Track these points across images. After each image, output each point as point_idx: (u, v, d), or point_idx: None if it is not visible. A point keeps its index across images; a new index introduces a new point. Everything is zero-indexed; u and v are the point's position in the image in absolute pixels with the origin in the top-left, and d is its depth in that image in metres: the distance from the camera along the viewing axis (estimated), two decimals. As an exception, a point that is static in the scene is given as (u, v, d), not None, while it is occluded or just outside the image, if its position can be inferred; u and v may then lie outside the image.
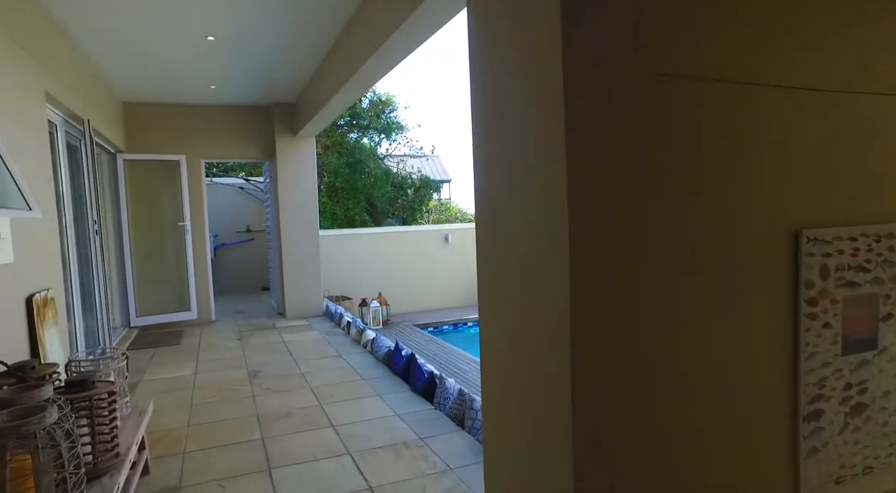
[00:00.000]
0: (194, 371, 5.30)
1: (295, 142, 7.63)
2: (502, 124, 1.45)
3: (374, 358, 5.57)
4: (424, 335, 8.81)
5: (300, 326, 7.22)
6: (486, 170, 1.57)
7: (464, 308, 10.64)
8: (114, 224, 6.90)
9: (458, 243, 10.81)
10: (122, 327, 6.95)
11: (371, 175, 12.48)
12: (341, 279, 9.53)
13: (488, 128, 1.52)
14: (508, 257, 1.44)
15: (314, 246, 7.81)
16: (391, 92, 13.71)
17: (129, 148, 7.07)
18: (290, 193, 7.64)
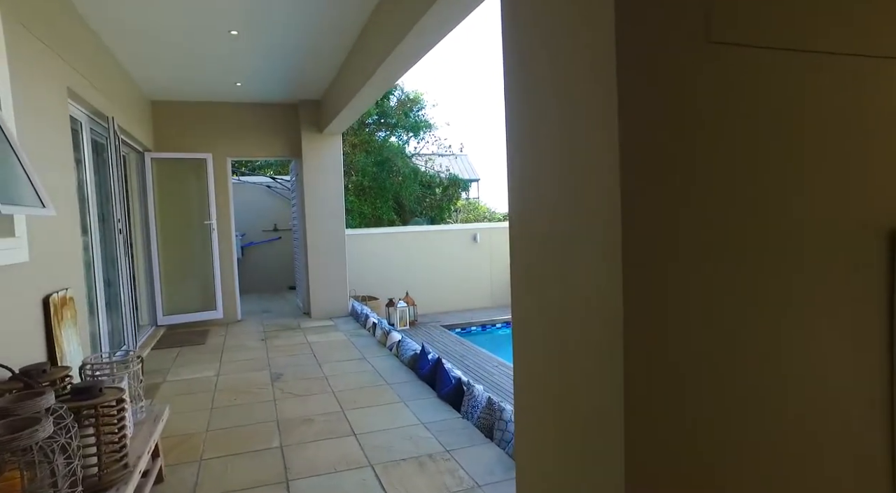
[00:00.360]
0: (217, 372, 5.19)
1: (321, 139, 7.51)
2: (540, 107, 1.24)
3: (399, 361, 5.38)
4: (452, 337, 8.61)
5: (325, 326, 7.09)
6: (521, 162, 1.38)
7: (492, 309, 10.41)
8: (141, 223, 6.87)
9: (486, 243, 10.58)
10: (149, 325, 6.92)
11: (399, 174, 12.34)
12: (368, 279, 9.40)
13: (525, 112, 1.32)
14: (546, 259, 1.24)
15: (340, 245, 7.68)
16: (419, 90, 13.56)
17: (156, 147, 7.04)
18: (317, 192, 7.52)
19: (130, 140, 6.30)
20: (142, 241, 6.88)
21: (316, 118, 7.45)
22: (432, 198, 13.92)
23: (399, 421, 3.85)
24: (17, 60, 3.14)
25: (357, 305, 7.72)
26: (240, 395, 4.54)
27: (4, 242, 2.88)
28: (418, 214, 13.15)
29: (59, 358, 3.37)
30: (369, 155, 12.26)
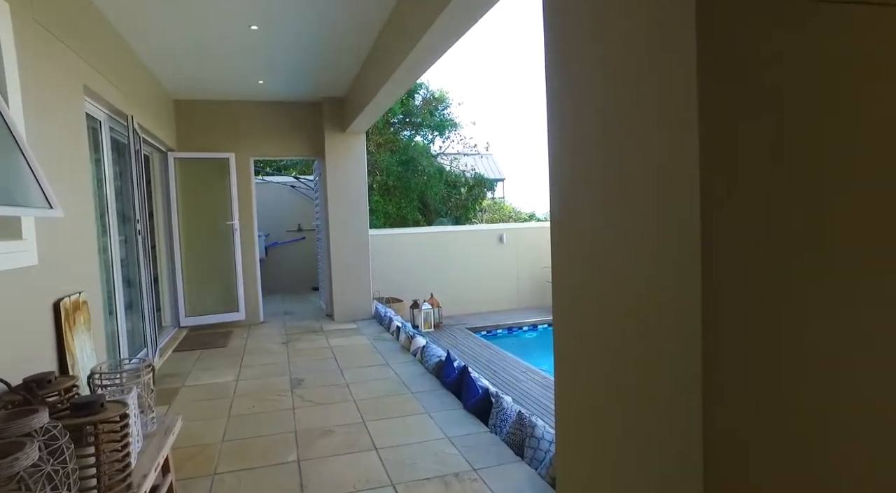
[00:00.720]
0: (236, 377, 5.04)
1: (344, 138, 7.33)
2: (590, 90, 1.02)
3: (423, 368, 5.17)
4: (477, 340, 8.36)
5: (348, 330, 6.92)
6: (565, 156, 1.17)
7: (518, 311, 10.13)
8: (164, 223, 6.79)
9: (512, 244, 10.31)
10: (171, 326, 6.84)
11: (424, 173, 12.14)
12: (392, 280, 9.20)
13: (571, 96, 1.10)
14: (597, 263, 1.05)
15: (364, 246, 7.50)
16: (444, 88, 13.35)
17: (180, 146, 6.95)
18: (340, 191, 7.35)
19: (153, 140, 6.21)
20: (165, 242, 6.79)
21: (339, 117, 7.29)
22: (457, 197, 13.70)
23: (423, 435, 3.62)
24: (29, 57, 3.00)
25: (381, 307, 7.54)
26: (258, 402, 4.37)
27: (10, 244, 2.73)
28: (443, 214, 12.94)
29: (70, 365, 3.23)
30: (394, 154, 12.09)
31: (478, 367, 6.94)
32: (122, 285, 4.83)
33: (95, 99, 4.24)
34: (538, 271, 10.28)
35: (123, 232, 5.24)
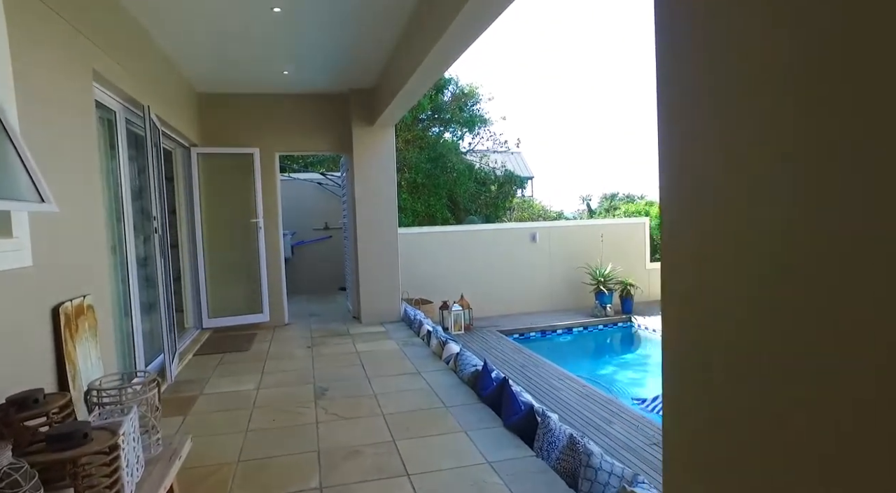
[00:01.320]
0: (257, 385, 4.69)
1: (372, 132, 6.95)
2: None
3: (457, 378, 4.74)
4: (510, 343, 7.90)
5: (376, 333, 6.53)
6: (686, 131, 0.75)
7: (551, 313, 9.63)
8: (187, 221, 6.49)
9: (545, 243, 9.82)
10: (194, 328, 6.54)
11: (453, 170, 11.71)
12: (420, 280, 8.79)
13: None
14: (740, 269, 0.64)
15: (392, 246, 7.11)
16: (474, 83, 12.89)
17: (203, 141, 6.65)
18: (367, 188, 6.97)
19: (175, 134, 5.91)
20: (187, 240, 6.50)
21: (367, 109, 6.90)
22: (486, 195, 13.24)
23: (461, 458, 3.19)
24: (24, 34, 2.65)
25: (410, 309, 7.14)
26: (280, 414, 4.00)
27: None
28: (472, 212, 12.49)
29: (70, 377, 2.89)
30: (423, 151, 11.69)
31: (511, 372, 6.50)
32: (138, 285, 4.51)
33: (107, 86, 3.91)
34: (573, 271, 9.78)
35: (142, 230, 4.93)
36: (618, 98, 75.41)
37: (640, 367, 8.05)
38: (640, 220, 10.54)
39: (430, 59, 4.21)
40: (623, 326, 9.35)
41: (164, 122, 5.30)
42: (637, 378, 7.51)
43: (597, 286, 9.44)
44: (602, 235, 9.86)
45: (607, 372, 7.88)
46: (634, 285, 9.44)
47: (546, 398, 5.56)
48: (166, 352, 4.54)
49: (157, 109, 4.95)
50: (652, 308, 9.60)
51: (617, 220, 11.64)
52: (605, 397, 5.65)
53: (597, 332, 9.28)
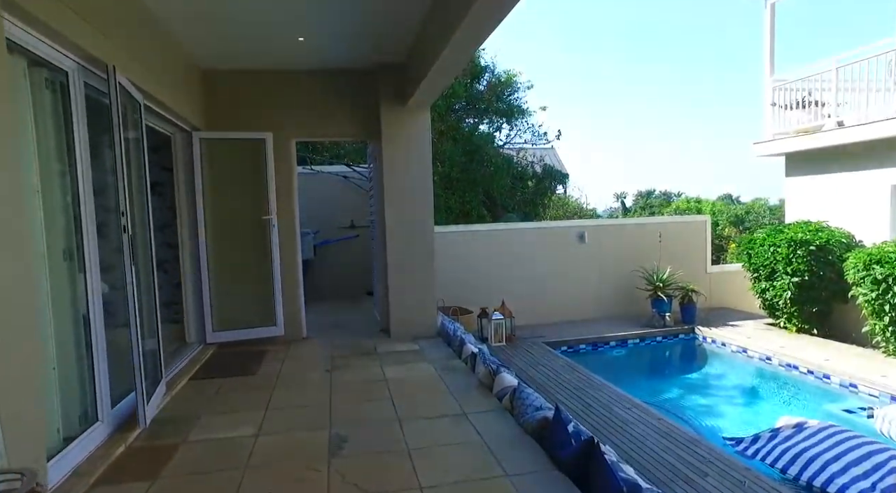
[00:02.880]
0: (258, 428, 3.50)
1: (405, 114, 5.71)
2: None
3: (516, 425, 3.48)
4: (560, 359, 6.59)
5: (407, 353, 5.29)
6: None
7: (599, 322, 8.28)
8: (188, 218, 5.36)
9: (595, 243, 8.48)
10: (197, 343, 5.41)
11: (491, 164, 10.43)
12: (454, 285, 7.53)
13: None
14: None
15: (427, 248, 5.87)
16: (512, 69, 11.58)
17: (207, 125, 5.50)
18: (399, 180, 5.74)
19: (171, 115, 4.78)
20: (188, 240, 5.37)
21: (398, 87, 5.67)
22: (524, 192, 11.92)
23: None
24: None
25: (447, 322, 5.89)
26: (280, 480, 2.80)
27: None
28: (510, 209, 11.19)
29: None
30: (457, 143, 10.43)
31: (566, 396, 5.22)
32: (100, 304, 3.35)
33: (47, 33, 2.75)
34: (626, 274, 8.42)
35: (102, 223, 3.79)
36: (653, 93, 72.71)
37: (711, 390, 6.66)
38: (701, 218, 9.10)
39: (470, 19, 3.01)
40: (685, 338, 7.95)
41: (151, 96, 4.16)
42: (710, 405, 6.13)
43: (653, 292, 8.07)
44: (660, 235, 8.47)
45: (672, 395, 6.52)
46: (697, 291, 8.05)
47: (615, 435, 4.28)
48: (138, 390, 3.37)
49: (139, 78, 3.80)
50: (716, 317, 8.19)
51: (674, 218, 10.21)
52: (689, 436, 4.33)
53: (655, 345, 7.90)
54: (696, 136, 68.39)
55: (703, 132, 67.96)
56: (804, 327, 7.10)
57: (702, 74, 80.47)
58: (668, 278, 8.13)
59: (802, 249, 6.86)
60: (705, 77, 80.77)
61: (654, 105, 70.37)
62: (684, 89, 73.69)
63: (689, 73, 76.92)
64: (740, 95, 72.48)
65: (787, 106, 7.83)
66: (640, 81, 79.25)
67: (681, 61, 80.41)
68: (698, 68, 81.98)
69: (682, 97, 72.92)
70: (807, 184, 8.14)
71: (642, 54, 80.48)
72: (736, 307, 8.73)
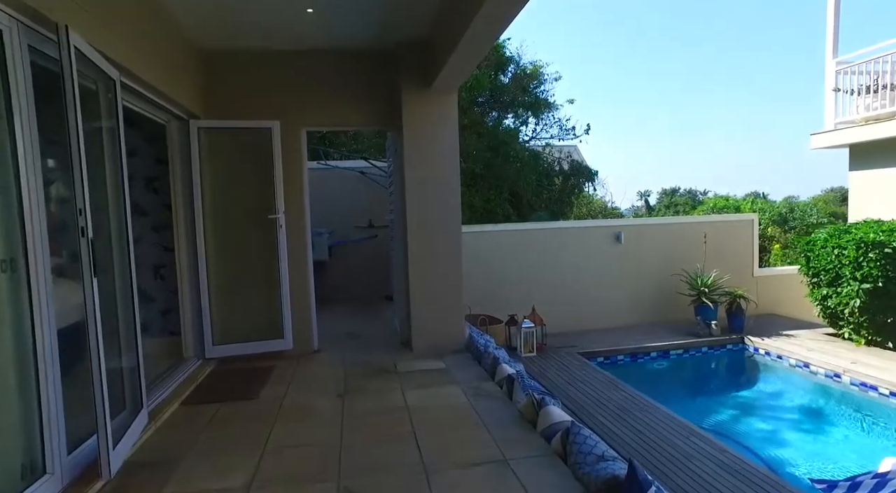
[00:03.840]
0: (250, 478, 2.75)
1: (429, 99, 4.93)
2: None
3: (573, 478, 2.67)
4: (598, 373, 5.76)
5: (431, 372, 4.50)
6: None
7: (637, 329, 7.42)
8: (185, 217, 4.65)
9: (632, 244, 7.62)
10: (194, 358, 4.69)
11: (517, 159, 9.60)
12: (479, 289, 6.72)
13: None
14: None
15: (454, 250, 5.09)
16: (539, 60, 10.72)
17: (207, 113, 4.78)
18: (422, 173, 4.97)
19: (163, 99, 4.07)
20: (186, 242, 4.66)
21: (421, 68, 4.88)
22: (551, 189, 11.06)
23: None
24: None
25: (477, 335, 5.10)
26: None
27: None
28: (537, 207, 10.34)
29: None
30: (481, 138, 9.61)
31: (610, 419, 4.41)
32: (49, 322, 2.61)
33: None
34: (666, 278, 7.55)
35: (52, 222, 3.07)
36: (675, 88, 70.54)
37: (769, 412, 5.76)
38: (747, 216, 8.18)
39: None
40: (733, 348, 7.05)
41: (136, 76, 3.44)
42: (772, 431, 5.24)
43: (697, 298, 7.19)
44: (705, 235, 7.58)
45: (724, 417, 5.65)
46: (746, 297, 7.15)
47: (676, 473, 3.48)
48: (101, 432, 2.62)
49: (117, 52, 3.08)
50: (765, 325, 7.28)
51: (720, 216, 9.27)
52: (765, 476, 3.50)
53: (700, 356, 7.02)
54: (722, 131, 66.01)
55: (729, 128, 65.54)
56: (875, 339, 6.16)
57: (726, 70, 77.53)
58: (713, 283, 7.25)
59: (875, 251, 5.92)
60: (731, 73, 77.86)
61: (670, 101, 68.14)
62: (707, 84, 70.97)
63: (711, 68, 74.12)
64: (771, 90, 69.74)
65: (852, 91, 6.87)
66: (660, 75, 76.60)
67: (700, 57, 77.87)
68: (723, 63, 78.99)
69: (712, 91, 70.15)
70: (876, 178, 7.15)
71: (659, 46, 77.91)
72: (786, 314, 7.80)
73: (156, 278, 4.86)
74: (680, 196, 22.43)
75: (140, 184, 4.83)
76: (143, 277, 4.84)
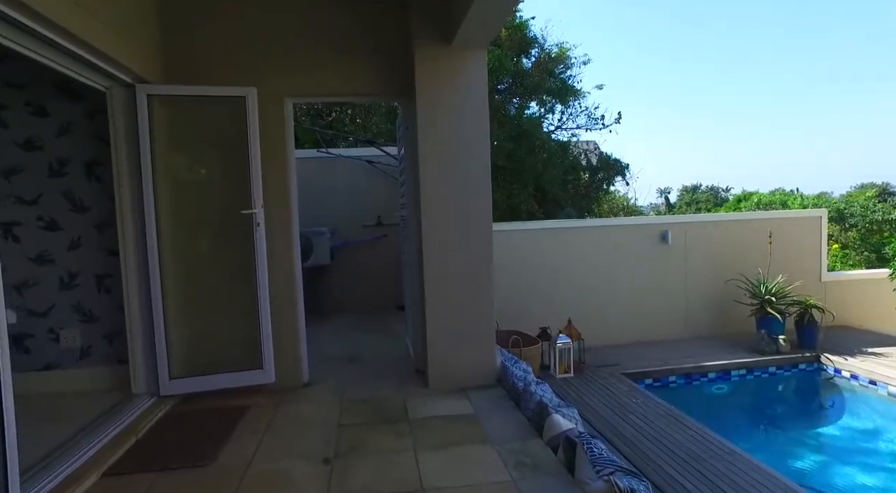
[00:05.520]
0: None
1: (450, 58, 3.66)
2: None
3: None
4: (651, 400, 4.44)
5: (455, 421, 3.22)
6: None
7: (688, 345, 6.09)
8: (133, 213, 3.42)
9: (680, 245, 6.30)
10: (146, 395, 3.47)
11: (544, 150, 8.30)
12: (500, 298, 5.45)
13: None
14: None
15: (482, 253, 3.81)
16: (566, 41, 9.40)
17: (165, 76, 3.56)
18: (442, 155, 3.70)
19: (101, 60, 2.86)
20: (134, 246, 3.43)
21: (439, 17, 3.61)
22: (576, 184, 9.74)
23: None
24: None
25: (510, 364, 3.82)
26: None
27: None
28: (565, 204, 9.03)
29: None
30: (502, 127, 8.32)
31: (676, 468, 3.13)
32: None
33: None
34: (720, 285, 6.22)
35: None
36: (693, 82, 67.74)
37: (871, 458, 4.38)
38: (815, 212, 6.79)
39: None
40: (807, 369, 5.68)
41: (40, 15, 2.23)
42: (884, 490, 3.88)
43: (760, 307, 5.85)
44: (770, 234, 6.24)
45: (807, 464, 4.32)
46: (821, 307, 5.80)
47: None
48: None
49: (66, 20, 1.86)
50: (839, 339, 5.92)
51: (785, 213, 7.87)
52: None
53: (767, 378, 5.66)
54: (737, 127, 63.15)
55: (744, 125, 62.73)
56: None
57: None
58: (780, 290, 5.92)
59: None
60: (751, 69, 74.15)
61: (697, 92, 65.21)
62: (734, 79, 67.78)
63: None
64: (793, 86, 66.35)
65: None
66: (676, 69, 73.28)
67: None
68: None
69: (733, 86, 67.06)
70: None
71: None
72: (864, 327, 6.43)
73: (99, 291, 3.66)
74: (701, 193, 20.99)
75: (78, 170, 3.62)
76: (82, 289, 3.64)
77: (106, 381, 3.60)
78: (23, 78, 3.52)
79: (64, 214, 3.58)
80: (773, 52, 72.90)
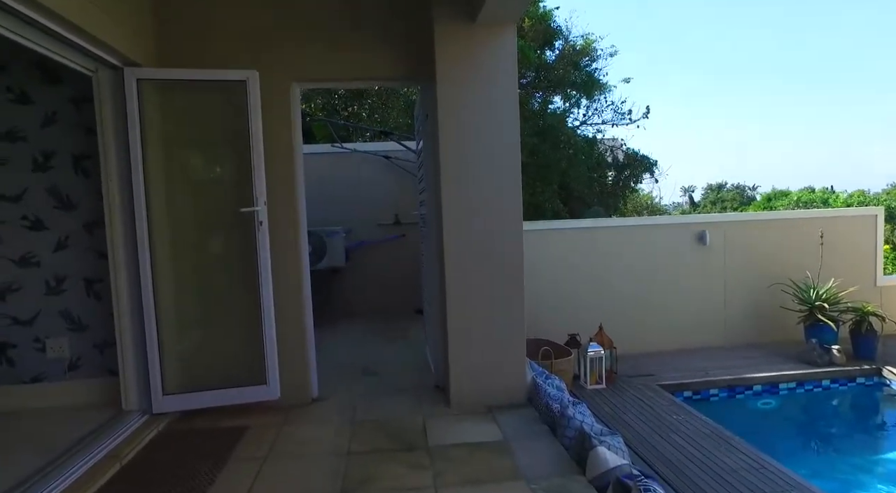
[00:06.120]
0: None
1: (474, 36, 3.21)
2: None
3: None
4: (692, 416, 3.91)
5: (480, 448, 2.76)
6: None
7: (729, 353, 5.52)
8: (122, 212, 3.05)
9: (719, 245, 5.76)
10: (137, 413, 3.10)
11: (570, 146, 7.81)
12: (528, 301, 4.96)
13: None
14: None
15: (512, 256, 3.34)
16: (591, 33, 8.88)
17: (156, 59, 3.18)
18: (465, 145, 3.25)
19: (84, 40, 2.49)
20: (123, 247, 3.06)
21: (463, -9, 3.17)
22: (601, 182, 9.23)
23: None
24: None
25: (542, 380, 3.35)
26: None
27: None
28: (590, 202, 8.53)
29: None
30: (526, 121, 7.85)
31: None
32: None
33: None
34: (762, 289, 5.66)
35: None
36: (716, 76, 65.48)
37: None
38: (870, 211, 6.18)
39: None
40: (866, 382, 5.08)
41: (47, 9, 1.84)
42: None
43: (810, 314, 5.29)
44: (822, 235, 5.66)
45: None
46: (880, 315, 5.21)
47: None
48: None
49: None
50: (901, 349, 5.33)
51: (837, 211, 7.28)
52: None
53: (820, 392, 5.08)
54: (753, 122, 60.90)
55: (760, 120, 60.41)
56: None
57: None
58: (832, 295, 5.34)
59: None
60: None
61: (720, 87, 62.86)
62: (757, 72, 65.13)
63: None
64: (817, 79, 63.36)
65: None
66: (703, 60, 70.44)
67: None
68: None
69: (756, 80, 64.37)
70: None
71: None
72: (925, 335, 5.81)
73: (89, 297, 3.29)
74: (727, 192, 20.18)
75: (65, 163, 3.26)
76: (70, 295, 3.28)
77: (96, 394, 3.24)
78: (1, 59, 3.17)
79: (49, 212, 3.23)
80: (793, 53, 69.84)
